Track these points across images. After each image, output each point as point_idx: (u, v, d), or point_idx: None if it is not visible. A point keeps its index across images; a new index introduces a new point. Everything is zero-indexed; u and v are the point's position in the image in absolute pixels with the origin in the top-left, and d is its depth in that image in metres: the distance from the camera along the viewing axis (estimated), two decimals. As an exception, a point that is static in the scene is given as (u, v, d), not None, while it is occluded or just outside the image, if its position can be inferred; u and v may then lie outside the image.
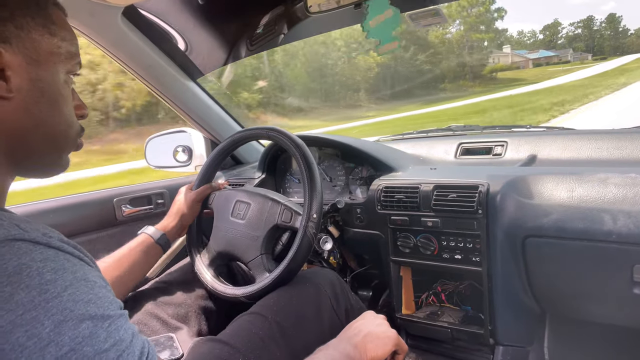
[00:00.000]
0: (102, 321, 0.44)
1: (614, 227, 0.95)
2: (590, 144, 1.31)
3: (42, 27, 0.57)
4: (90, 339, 0.42)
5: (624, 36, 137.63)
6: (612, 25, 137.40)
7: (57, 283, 0.42)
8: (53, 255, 0.44)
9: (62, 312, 0.41)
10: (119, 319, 0.47)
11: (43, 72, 0.57)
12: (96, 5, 1.10)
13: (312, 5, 1.12)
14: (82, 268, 0.46)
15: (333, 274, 1.12)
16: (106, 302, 0.46)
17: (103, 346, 0.43)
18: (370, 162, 1.45)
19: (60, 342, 0.40)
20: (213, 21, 1.37)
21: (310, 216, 1.00)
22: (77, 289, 0.43)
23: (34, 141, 0.57)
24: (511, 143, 1.45)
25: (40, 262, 0.42)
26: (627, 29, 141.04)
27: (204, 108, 1.65)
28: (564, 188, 1.07)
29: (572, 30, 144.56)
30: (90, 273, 0.47)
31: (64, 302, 0.41)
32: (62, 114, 0.60)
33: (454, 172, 1.34)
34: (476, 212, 1.12)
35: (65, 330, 0.40)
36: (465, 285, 1.30)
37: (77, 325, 0.41)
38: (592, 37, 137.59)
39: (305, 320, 0.96)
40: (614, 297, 1.03)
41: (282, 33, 1.45)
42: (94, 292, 0.45)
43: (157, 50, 1.39)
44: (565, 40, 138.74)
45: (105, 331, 0.44)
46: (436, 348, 1.35)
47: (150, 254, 1.09)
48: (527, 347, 1.22)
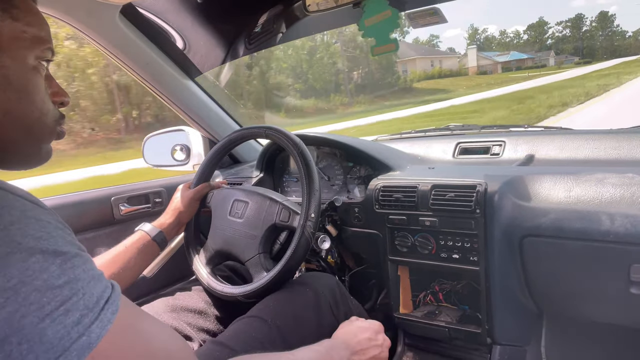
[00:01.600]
0: (54, 257, 0.42)
1: (611, 227, 0.95)
2: (587, 143, 1.31)
3: (2, 12, 0.54)
4: (41, 273, 0.41)
5: (622, 38, 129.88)
6: (605, 25, 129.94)
7: (3, 218, 0.41)
8: (2, 194, 0.43)
9: (9, 244, 0.40)
10: (75, 257, 0.45)
11: (6, 59, 0.54)
12: (94, 3, 1.10)
13: (310, 4, 1.12)
14: (35, 209, 0.45)
15: (333, 279, 1.12)
16: (60, 241, 0.44)
17: (56, 282, 0.41)
18: (368, 161, 1.45)
19: (7, 274, 0.39)
20: (211, 20, 1.37)
21: (309, 215, 1.00)
22: (26, 225, 0.42)
23: (6, 131, 0.55)
24: (509, 143, 1.45)
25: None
26: (624, 31, 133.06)
27: (202, 107, 1.65)
28: (562, 188, 1.07)
29: (559, 31, 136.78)
30: (44, 215, 0.45)
31: (11, 235, 0.40)
32: (33, 102, 0.58)
33: (452, 171, 1.34)
34: (474, 212, 1.12)
35: (13, 262, 0.39)
36: (462, 285, 1.30)
37: (25, 258, 0.40)
38: (581, 38, 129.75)
39: (304, 324, 0.96)
40: (611, 296, 1.03)
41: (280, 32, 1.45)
42: (46, 230, 0.44)
43: (155, 49, 1.39)
44: (552, 42, 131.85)
45: (58, 267, 0.42)
46: (434, 347, 1.35)
47: (147, 252, 1.08)
48: (524, 346, 1.22)
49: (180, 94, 1.56)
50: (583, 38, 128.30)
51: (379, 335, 0.94)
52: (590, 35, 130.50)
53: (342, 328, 0.94)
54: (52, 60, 0.62)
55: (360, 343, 0.88)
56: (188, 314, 1.07)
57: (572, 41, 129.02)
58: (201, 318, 1.09)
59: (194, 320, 1.07)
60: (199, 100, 1.63)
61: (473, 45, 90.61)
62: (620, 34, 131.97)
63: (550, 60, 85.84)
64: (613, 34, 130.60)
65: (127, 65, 1.37)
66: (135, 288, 1.30)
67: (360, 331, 0.91)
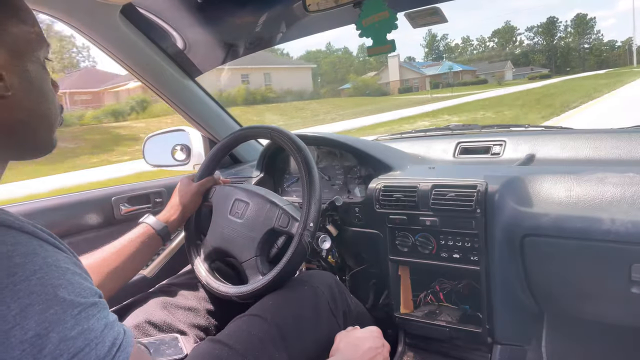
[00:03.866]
0: (72, 308, 0.43)
1: (612, 227, 0.95)
2: (588, 143, 1.31)
3: (14, 17, 0.56)
4: (57, 325, 0.41)
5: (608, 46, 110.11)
6: (583, 31, 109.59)
7: (26, 267, 0.41)
8: (25, 239, 0.44)
9: (29, 295, 0.40)
10: (91, 307, 0.45)
11: (27, 63, 0.57)
12: (94, 3, 1.10)
13: (310, 4, 1.12)
14: (55, 254, 0.45)
15: (332, 277, 1.12)
16: (78, 289, 0.45)
17: (70, 333, 0.42)
18: (368, 161, 1.45)
19: (25, 325, 0.39)
20: (211, 19, 1.37)
21: (307, 225, 1.00)
22: (46, 273, 0.43)
23: (30, 130, 0.58)
24: (509, 142, 1.45)
25: (10, 245, 0.42)
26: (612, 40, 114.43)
27: (202, 107, 1.65)
28: (562, 187, 1.07)
29: (530, 37, 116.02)
30: (63, 260, 0.46)
31: (32, 285, 0.41)
32: (48, 98, 0.60)
33: (452, 171, 1.34)
34: (474, 212, 1.12)
35: (32, 314, 0.40)
36: (463, 284, 1.30)
37: (44, 310, 0.41)
38: (555, 46, 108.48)
39: (303, 322, 0.96)
40: (611, 296, 1.03)
41: (280, 32, 1.45)
42: (65, 278, 0.44)
43: (156, 49, 1.39)
44: (520, 51, 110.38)
45: (73, 318, 0.43)
46: (434, 347, 1.35)
47: (151, 245, 1.08)
48: (524, 346, 1.22)
49: (180, 94, 1.56)
50: (557, 46, 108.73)
51: (379, 341, 0.94)
52: (566, 43, 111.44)
53: (342, 341, 0.94)
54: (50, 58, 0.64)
55: (364, 355, 0.89)
56: (184, 310, 1.08)
57: (544, 50, 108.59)
58: (196, 314, 1.09)
59: (189, 316, 1.07)
60: (199, 100, 1.63)
61: (394, 53, 68.79)
62: (608, 44, 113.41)
63: (506, 74, 70.04)
64: (593, 41, 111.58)
65: (127, 65, 1.37)
66: (135, 287, 1.31)
67: (361, 342, 0.92)
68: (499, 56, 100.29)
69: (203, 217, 1.24)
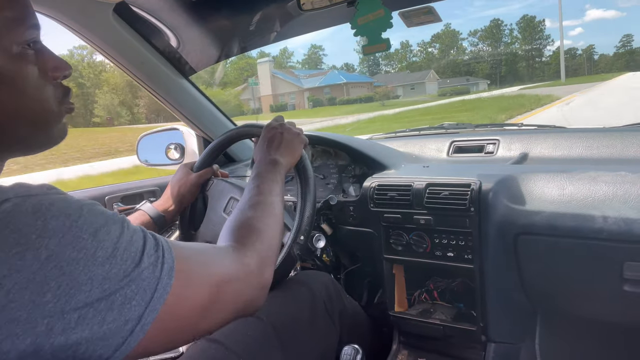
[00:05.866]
0: (122, 222, 0.50)
1: (604, 225, 0.96)
2: (581, 142, 1.32)
3: None
4: (123, 235, 0.48)
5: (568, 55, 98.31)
6: (532, 37, 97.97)
7: (72, 207, 0.46)
8: (52, 195, 0.47)
9: (92, 224, 0.46)
10: (126, 219, 0.52)
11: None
12: (87, 1, 1.10)
13: (304, 3, 1.12)
14: (78, 197, 0.50)
15: (327, 277, 1.12)
16: (111, 212, 0.51)
17: (133, 237, 0.50)
18: (363, 160, 1.45)
19: (103, 246, 0.46)
20: (205, 18, 1.36)
21: (297, 237, 0.98)
22: (89, 207, 0.48)
23: (7, 129, 0.53)
24: (503, 141, 1.46)
25: (47, 199, 0.46)
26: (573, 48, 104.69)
27: (196, 105, 1.65)
28: (555, 186, 1.08)
29: (474, 43, 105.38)
30: (84, 199, 0.50)
31: (88, 217, 0.46)
32: (25, 94, 0.54)
33: (446, 170, 1.34)
34: (468, 210, 1.12)
35: (102, 236, 0.46)
36: (457, 283, 1.31)
37: (108, 229, 0.47)
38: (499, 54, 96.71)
39: (299, 322, 0.96)
40: (604, 294, 1.04)
41: (275, 30, 1.45)
42: (100, 208, 0.50)
43: (149, 47, 1.38)
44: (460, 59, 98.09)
45: (127, 228, 0.50)
46: (429, 345, 1.35)
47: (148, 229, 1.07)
48: (518, 343, 1.23)
49: (174, 93, 1.55)
50: (503, 54, 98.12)
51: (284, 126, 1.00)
52: (511, 51, 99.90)
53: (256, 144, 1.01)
54: (37, 38, 0.57)
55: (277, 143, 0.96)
56: None
57: (488, 60, 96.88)
58: None
59: None
60: (194, 99, 1.62)
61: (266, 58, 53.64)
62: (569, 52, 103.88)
63: (426, 86, 58.72)
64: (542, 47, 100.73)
65: (121, 64, 1.36)
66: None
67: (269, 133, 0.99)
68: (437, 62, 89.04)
69: (198, 210, 1.24)
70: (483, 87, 70.29)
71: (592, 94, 21.34)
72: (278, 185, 0.86)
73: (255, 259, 0.65)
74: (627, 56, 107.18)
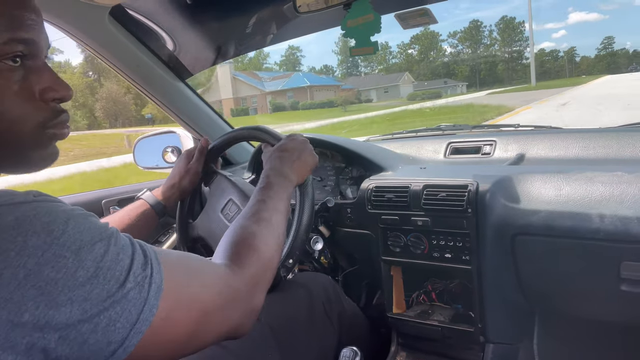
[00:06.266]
0: (108, 239, 0.48)
1: (601, 225, 0.96)
2: (577, 143, 1.33)
3: None
4: (108, 255, 0.46)
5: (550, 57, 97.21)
6: (507, 37, 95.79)
7: (57, 222, 0.44)
8: (38, 205, 0.46)
9: (75, 242, 0.44)
10: (116, 233, 0.50)
11: None
12: (82, 5, 1.09)
13: (301, 5, 1.12)
14: (67, 207, 0.48)
15: (327, 279, 1.12)
16: (100, 226, 0.49)
17: (118, 256, 0.47)
18: (360, 161, 1.45)
19: (85, 265, 0.44)
20: (202, 21, 1.36)
21: (286, 261, 0.96)
22: (75, 222, 0.46)
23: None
24: (500, 142, 1.46)
25: (31, 211, 0.44)
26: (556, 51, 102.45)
27: (193, 108, 1.64)
28: (552, 187, 1.08)
29: (454, 44, 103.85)
30: (75, 209, 0.49)
31: (72, 234, 0.45)
32: (4, 116, 0.50)
33: (443, 171, 1.35)
34: (466, 211, 1.13)
35: (85, 254, 0.44)
36: (455, 284, 1.31)
37: (91, 248, 0.45)
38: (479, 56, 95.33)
39: (297, 323, 0.96)
40: (602, 293, 1.04)
41: (271, 33, 1.45)
42: (89, 221, 0.48)
43: (146, 51, 1.38)
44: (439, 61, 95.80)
45: (114, 245, 0.48)
46: (427, 346, 1.35)
47: (147, 221, 1.05)
48: (516, 344, 1.23)
49: (171, 96, 1.55)
50: (482, 56, 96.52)
51: (300, 142, 0.97)
52: (490, 53, 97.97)
53: (269, 154, 0.95)
54: (34, 54, 0.53)
55: (290, 158, 0.91)
56: None
57: (469, 60, 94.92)
58: None
59: None
60: (190, 102, 1.62)
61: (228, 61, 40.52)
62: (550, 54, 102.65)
63: (400, 89, 56.04)
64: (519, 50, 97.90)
65: (117, 67, 1.36)
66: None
67: (284, 148, 0.94)
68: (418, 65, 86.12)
69: (197, 201, 1.23)
70: (461, 89, 68.64)
71: (551, 106, 18.01)
72: (285, 203, 0.82)
73: (249, 282, 0.62)
74: (608, 58, 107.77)
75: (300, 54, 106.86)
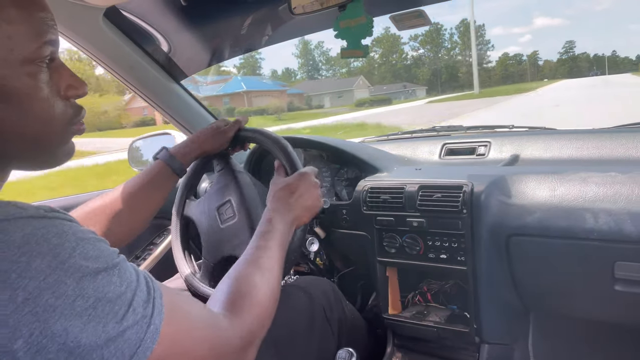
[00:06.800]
0: (113, 269, 0.47)
1: (595, 225, 0.97)
2: (571, 143, 1.33)
3: None
4: (109, 286, 0.45)
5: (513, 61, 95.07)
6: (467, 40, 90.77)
7: (65, 246, 0.44)
8: (50, 223, 0.45)
9: (79, 269, 0.43)
10: (123, 262, 0.49)
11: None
12: (77, 6, 1.09)
13: (296, 7, 1.12)
14: (78, 228, 0.48)
15: (328, 284, 1.11)
16: (108, 254, 0.48)
17: (120, 289, 0.46)
18: (355, 163, 1.45)
19: (85, 295, 0.43)
20: (196, 22, 1.36)
21: None
22: (83, 247, 0.45)
23: (12, 147, 0.52)
24: (494, 143, 1.47)
25: (42, 229, 0.43)
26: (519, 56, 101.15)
27: (188, 110, 1.64)
28: (546, 187, 1.08)
29: (415, 47, 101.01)
30: (86, 232, 0.48)
31: (78, 260, 0.44)
32: (31, 114, 0.51)
33: (438, 172, 1.35)
34: (461, 212, 1.13)
35: (87, 284, 0.43)
36: (450, 285, 1.31)
37: (94, 278, 0.44)
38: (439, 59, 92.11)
39: (296, 328, 0.95)
40: (596, 293, 1.04)
41: (266, 34, 1.45)
42: (98, 248, 0.47)
43: (140, 52, 1.37)
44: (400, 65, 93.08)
45: (117, 277, 0.47)
46: (423, 347, 1.35)
47: (166, 181, 1.01)
48: (511, 344, 1.23)
49: (165, 97, 1.54)
50: (443, 60, 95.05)
51: (308, 182, 0.91)
52: (451, 57, 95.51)
53: (274, 190, 0.90)
54: (54, 55, 0.55)
55: (291, 202, 0.87)
56: None
57: (430, 64, 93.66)
58: None
59: None
60: (185, 103, 1.62)
61: None
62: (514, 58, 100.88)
63: (354, 94, 53.53)
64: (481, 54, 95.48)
65: (111, 68, 1.35)
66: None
67: (291, 188, 0.89)
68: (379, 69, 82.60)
69: None
70: (421, 94, 67.64)
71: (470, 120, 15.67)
72: (284, 250, 0.80)
73: (244, 337, 0.61)
74: (569, 62, 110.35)
75: (259, 56, 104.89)
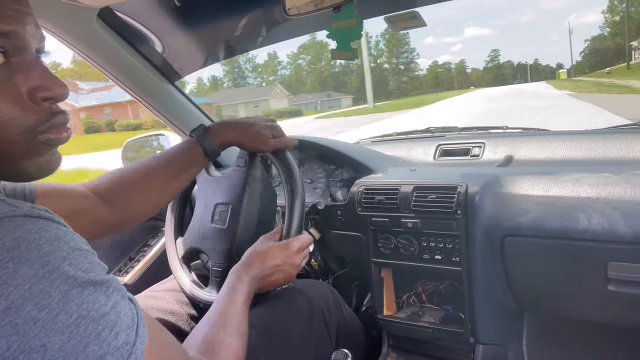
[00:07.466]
0: (100, 286, 0.44)
1: (588, 226, 0.97)
2: (564, 144, 1.34)
3: None
4: (94, 304, 0.43)
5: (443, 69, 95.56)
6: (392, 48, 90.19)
7: (55, 254, 0.42)
8: (45, 225, 0.43)
9: (66, 281, 0.41)
10: (112, 281, 0.47)
11: None
12: (70, 6, 1.08)
13: (291, 8, 1.12)
14: (73, 236, 0.45)
15: (328, 287, 1.11)
16: (99, 269, 0.46)
17: (105, 309, 0.44)
18: (350, 163, 1.45)
19: (69, 310, 0.40)
20: (191, 23, 1.36)
21: None
22: (74, 258, 0.43)
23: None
24: (488, 144, 1.47)
25: (35, 233, 0.41)
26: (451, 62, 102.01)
27: (182, 111, 1.63)
28: (540, 188, 1.09)
29: None
30: (80, 241, 0.46)
31: (66, 272, 0.42)
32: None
33: (433, 173, 1.35)
34: (455, 213, 1.13)
35: (72, 298, 0.41)
36: (445, 285, 1.31)
37: (81, 292, 0.42)
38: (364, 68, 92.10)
39: (294, 331, 0.95)
40: (589, 294, 1.05)
41: (260, 35, 1.45)
42: (89, 260, 0.45)
43: (134, 53, 1.37)
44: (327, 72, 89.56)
45: (104, 295, 0.44)
46: (418, 348, 1.36)
47: (195, 163, 0.98)
48: (506, 345, 1.24)
49: (160, 98, 1.54)
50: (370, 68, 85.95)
51: (288, 259, 0.91)
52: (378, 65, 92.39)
53: (255, 248, 0.91)
54: (7, 47, 0.47)
55: (264, 269, 0.87)
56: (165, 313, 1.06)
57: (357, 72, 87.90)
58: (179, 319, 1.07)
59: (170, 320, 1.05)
60: (179, 104, 1.61)
61: None
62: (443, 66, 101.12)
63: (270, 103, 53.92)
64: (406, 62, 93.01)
65: (105, 69, 1.34)
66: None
67: (269, 257, 0.88)
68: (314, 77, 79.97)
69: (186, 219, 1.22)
70: (347, 103, 66.15)
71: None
72: (247, 304, 0.82)
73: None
74: (495, 70, 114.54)
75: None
